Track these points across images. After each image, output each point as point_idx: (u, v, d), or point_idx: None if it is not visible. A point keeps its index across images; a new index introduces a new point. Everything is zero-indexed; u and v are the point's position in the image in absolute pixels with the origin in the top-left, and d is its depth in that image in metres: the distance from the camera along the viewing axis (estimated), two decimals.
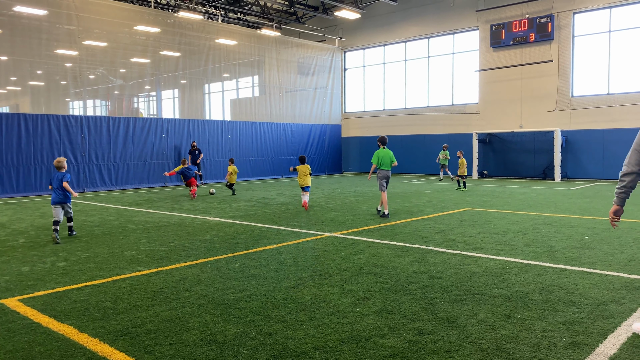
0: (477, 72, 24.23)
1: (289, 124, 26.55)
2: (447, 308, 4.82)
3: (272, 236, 8.74)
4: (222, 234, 9.08)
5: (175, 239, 8.61)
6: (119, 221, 10.89)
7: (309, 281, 5.81)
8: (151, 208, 13.23)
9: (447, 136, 24.93)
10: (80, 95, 20.55)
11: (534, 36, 21.97)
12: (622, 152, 20.32)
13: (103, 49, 20.20)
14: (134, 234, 9.18)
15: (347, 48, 29.38)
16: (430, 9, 25.50)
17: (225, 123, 23.81)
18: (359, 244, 7.93)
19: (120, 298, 5.28)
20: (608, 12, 20.63)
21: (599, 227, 9.23)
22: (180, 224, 10.30)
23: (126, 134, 19.83)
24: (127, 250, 7.72)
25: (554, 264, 6.49)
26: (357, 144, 29.25)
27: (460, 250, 7.42)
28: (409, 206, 12.86)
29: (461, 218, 10.66)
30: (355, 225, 9.79)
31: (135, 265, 6.73)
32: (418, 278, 5.89)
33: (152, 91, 24.00)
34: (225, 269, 6.43)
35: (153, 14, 21.48)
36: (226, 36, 23.84)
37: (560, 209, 12.01)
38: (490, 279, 5.81)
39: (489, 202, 13.45)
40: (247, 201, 14.64)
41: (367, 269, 6.36)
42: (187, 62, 22.98)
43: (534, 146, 22.52)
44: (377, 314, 4.68)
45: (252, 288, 5.56)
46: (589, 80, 21.41)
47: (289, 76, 26.98)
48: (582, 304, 4.89)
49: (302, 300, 5.10)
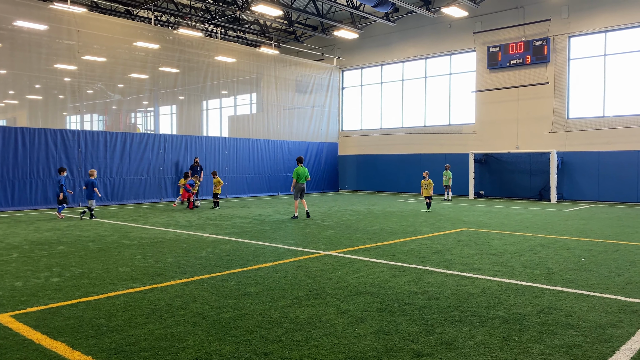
0: (473, 92, 24.43)
1: (286, 141, 26.62)
2: (444, 329, 4.78)
3: (268, 254, 8.69)
4: (218, 250, 9.02)
5: (171, 256, 8.55)
6: (114, 237, 10.81)
7: (305, 300, 5.76)
8: (147, 224, 13.16)
9: (443, 156, 25.02)
10: (78, 110, 20.58)
11: (530, 58, 22.22)
12: (617, 174, 20.45)
13: (102, 64, 20.29)
14: (129, 250, 9.12)
15: (345, 67, 29.62)
16: (427, 30, 25.81)
17: (223, 140, 23.85)
18: (356, 263, 7.89)
19: (114, 315, 5.22)
20: (603, 36, 20.92)
21: (596, 249, 9.22)
22: (175, 240, 10.24)
23: (123, 149, 19.81)
24: (122, 267, 7.66)
25: (551, 286, 6.46)
26: (354, 162, 29.32)
27: (457, 270, 7.39)
28: (406, 225, 12.84)
29: (458, 238, 10.64)
30: (352, 244, 9.76)
31: (130, 282, 6.67)
32: (415, 298, 5.85)
33: (150, 107, 24.07)
34: (220, 287, 6.37)
35: (153, 30, 21.66)
36: (225, 54, 24.01)
37: (556, 230, 12.01)
38: (487, 301, 5.77)
39: (485, 223, 13.45)
40: (243, 218, 14.58)
41: (363, 288, 6.32)
42: (185, 78, 23.10)
43: (530, 167, 22.62)
44: (374, 334, 4.63)
45: (247, 306, 5.51)
46: (585, 103, 21.61)
47: (287, 94, 27.14)
48: (580, 327, 4.86)
49: (299, 320, 5.05)
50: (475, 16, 24.00)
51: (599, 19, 20.83)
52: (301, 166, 14.51)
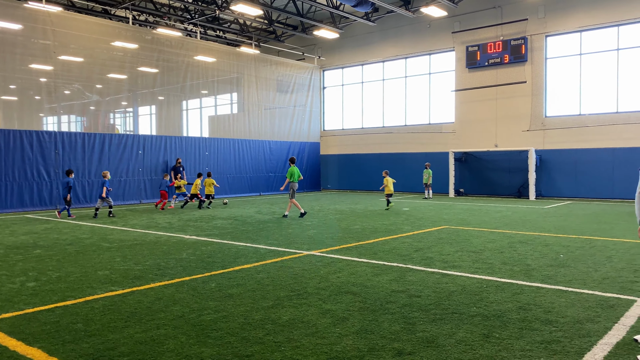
0: (453, 92, 24.64)
1: (268, 141, 26.52)
2: (426, 327, 4.80)
3: (249, 255, 8.64)
4: (199, 252, 8.94)
5: (151, 258, 8.44)
6: (93, 239, 10.64)
7: (287, 301, 5.73)
8: (126, 226, 12.98)
9: (424, 155, 25.18)
10: (55, 111, 20.20)
11: (508, 57, 22.50)
12: (593, 171, 20.82)
13: (79, 64, 19.95)
14: (108, 253, 8.98)
15: (325, 67, 29.63)
16: (407, 30, 25.95)
17: (203, 140, 23.66)
18: (338, 263, 7.89)
19: (92, 319, 5.13)
20: (579, 36, 21.28)
21: (574, 246, 9.37)
22: (155, 242, 10.12)
23: (101, 151, 19.50)
24: (101, 270, 7.53)
25: (530, 283, 6.54)
26: (335, 161, 29.35)
27: (438, 268, 7.44)
28: (387, 224, 12.89)
29: (439, 236, 10.71)
30: (334, 244, 9.76)
31: (109, 285, 6.56)
32: (397, 297, 5.87)
33: (129, 107, 23.75)
34: (201, 289, 6.31)
35: (131, 30, 21.36)
36: (205, 53, 23.82)
37: (535, 227, 12.18)
38: (468, 298, 5.82)
39: (465, 220, 13.57)
40: (225, 219, 14.48)
41: (345, 288, 6.32)
42: (165, 78, 22.84)
43: (509, 165, 22.90)
44: (356, 334, 4.63)
45: (229, 308, 5.46)
46: (562, 101, 21.96)
47: (268, 94, 27.03)
48: (559, 323, 4.92)
49: (280, 321, 5.02)
50: (454, 16, 24.21)
51: (574, 18, 21.17)
52: (293, 166, 15.21)
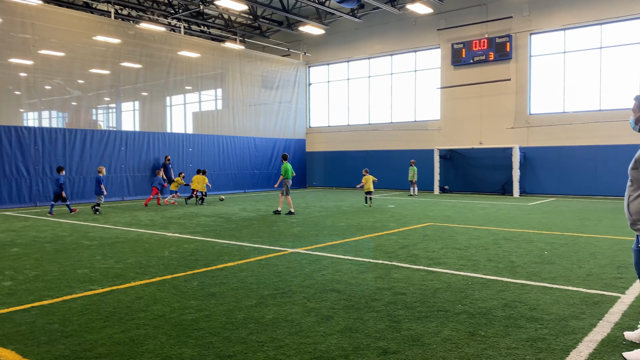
0: (438, 89, 24.69)
1: (253, 137, 26.32)
2: (411, 326, 4.74)
3: (233, 253, 8.52)
4: (181, 250, 8.79)
5: (132, 256, 8.27)
6: (73, 237, 10.42)
7: (270, 299, 5.64)
8: (108, 223, 12.75)
9: (409, 152, 25.22)
10: (35, 106, 19.82)
11: (493, 55, 22.59)
12: (576, 168, 21.02)
13: (60, 59, 19.56)
14: (88, 251, 8.79)
15: (311, 63, 29.49)
16: (393, 26, 25.92)
17: (187, 136, 23.40)
18: (323, 260, 7.81)
19: (69, 320, 4.98)
20: (563, 34, 21.44)
21: (558, 242, 9.41)
22: (137, 240, 9.94)
23: (83, 147, 19.16)
24: (80, 268, 7.36)
25: (515, 280, 6.53)
26: (321, 158, 29.26)
27: (423, 265, 7.40)
28: (373, 221, 12.84)
29: (424, 233, 10.69)
30: (319, 241, 9.67)
31: (88, 284, 6.40)
32: (382, 295, 5.81)
33: (112, 103, 23.39)
34: (183, 288, 6.19)
35: (113, 24, 21.01)
36: (189, 48, 23.54)
37: (519, 224, 12.22)
38: (453, 295, 5.78)
39: (450, 217, 13.58)
40: (209, 216, 14.32)
41: (330, 285, 6.24)
42: (148, 74, 22.53)
43: (493, 162, 23.02)
44: (340, 333, 4.56)
45: (211, 307, 5.35)
46: (546, 99, 22.12)
47: (252, 90, 26.82)
48: (544, 320, 4.90)
49: (264, 320, 4.92)
50: (439, 13, 24.24)
51: (558, 17, 21.32)
52: (287, 163, 15.21)
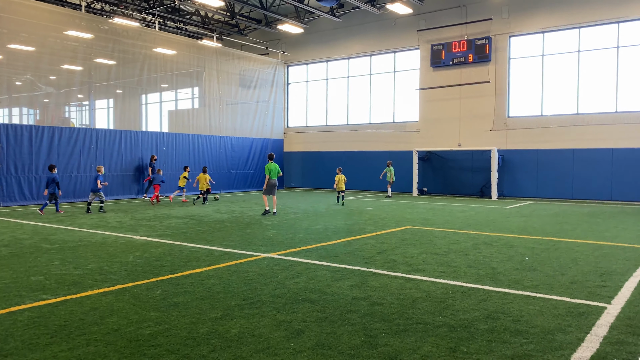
0: (417, 90, 24.52)
1: (229, 137, 25.77)
2: (388, 341, 4.39)
3: (202, 258, 8.07)
4: (147, 255, 8.31)
5: (94, 261, 7.77)
6: (33, 240, 9.84)
7: (238, 311, 5.23)
8: (73, 225, 12.15)
9: (388, 153, 24.99)
10: (4, 103, 19.00)
11: (472, 57, 22.49)
12: (554, 171, 21.03)
13: (30, 53, 18.77)
14: (47, 255, 8.24)
15: (290, 62, 29.08)
16: (372, 26, 25.68)
17: (161, 135, 22.75)
18: (296, 266, 7.42)
19: (12, 335, 4.50)
20: (541, 37, 21.44)
21: (538, 247, 9.19)
22: (102, 244, 9.41)
23: (50, 145, 18.40)
24: (34, 275, 6.84)
25: (497, 288, 6.24)
26: (299, 159, 28.85)
27: (401, 272, 7.07)
28: (350, 224, 12.50)
29: (402, 237, 10.39)
30: (294, 245, 9.28)
31: (40, 293, 5.90)
32: (358, 305, 5.45)
33: (85, 100, 22.63)
34: (144, 297, 5.74)
35: (85, 18, 20.26)
36: (164, 45, 22.91)
37: (499, 227, 12.02)
38: (433, 306, 5.45)
39: (429, 220, 13.33)
40: (180, 218, 13.80)
41: (303, 295, 5.86)
42: (122, 70, 21.84)
43: (471, 164, 22.93)
44: (312, 349, 4.18)
45: (172, 320, 4.92)
46: (525, 102, 22.11)
47: (230, 88, 26.28)
48: (529, 334, 4.60)
49: (228, 335, 4.52)
50: (419, 14, 24.07)
51: (537, 19, 21.32)
52: (272, 162, 14.64)
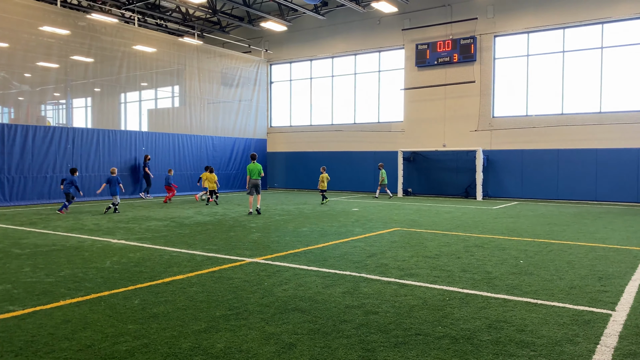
0: (402, 90, 24.32)
1: (211, 136, 25.26)
2: (387, 355, 4.06)
3: (183, 263, 7.65)
4: (125, 260, 7.85)
5: (67, 267, 7.30)
6: (2, 244, 9.29)
7: (223, 322, 4.84)
8: (47, 228, 11.59)
9: (372, 153, 24.75)
10: None
11: (457, 57, 22.36)
12: (538, 171, 21.00)
13: (2, 50, 18.04)
14: (17, 261, 7.74)
15: (273, 61, 28.65)
16: (356, 25, 25.40)
17: (140, 134, 22.14)
18: (284, 272, 7.05)
19: None
20: (526, 37, 21.40)
21: (531, 250, 8.96)
22: (77, 248, 8.91)
23: (24, 144, 17.71)
24: (1, 283, 6.35)
25: (495, 294, 5.96)
26: (283, 159, 28.44)
27: (394, 277, 6.76)
28: (337, 226, 12.16)
29: (391, 239, 10.08)
30: (281, 249, 8.91)
31: (7, 304, 5.43)
32: (352, 314, 5.11)
33: (62, 99, 21.89)
34: (121, 307, 5.31)
35: (61, 14, 19.58)
36: (144, 42, 22.31)
37: (488, 229, 11.80)
38: (431, 314, 5.14)
39: (417, 222, 13.06)
40: (160, 220, 13.31)
41: (293, 303, 5.49)
42: (100, 68, 21.19)
43: (456, 165, 22.80)
44: None
45: (151, 334, 4.52)
46: (509, 102, 22.05)
47: (211, 87, 25.76)
48: (536, 345, 4.31)
49: (213, 350, 4.14)
50: (404, 13, 23.87)
51: (522, 19, 21.27)
52: (254, 162, 14.63)
